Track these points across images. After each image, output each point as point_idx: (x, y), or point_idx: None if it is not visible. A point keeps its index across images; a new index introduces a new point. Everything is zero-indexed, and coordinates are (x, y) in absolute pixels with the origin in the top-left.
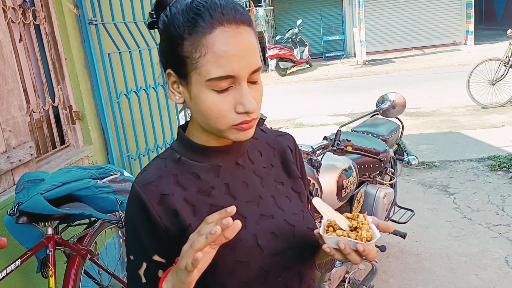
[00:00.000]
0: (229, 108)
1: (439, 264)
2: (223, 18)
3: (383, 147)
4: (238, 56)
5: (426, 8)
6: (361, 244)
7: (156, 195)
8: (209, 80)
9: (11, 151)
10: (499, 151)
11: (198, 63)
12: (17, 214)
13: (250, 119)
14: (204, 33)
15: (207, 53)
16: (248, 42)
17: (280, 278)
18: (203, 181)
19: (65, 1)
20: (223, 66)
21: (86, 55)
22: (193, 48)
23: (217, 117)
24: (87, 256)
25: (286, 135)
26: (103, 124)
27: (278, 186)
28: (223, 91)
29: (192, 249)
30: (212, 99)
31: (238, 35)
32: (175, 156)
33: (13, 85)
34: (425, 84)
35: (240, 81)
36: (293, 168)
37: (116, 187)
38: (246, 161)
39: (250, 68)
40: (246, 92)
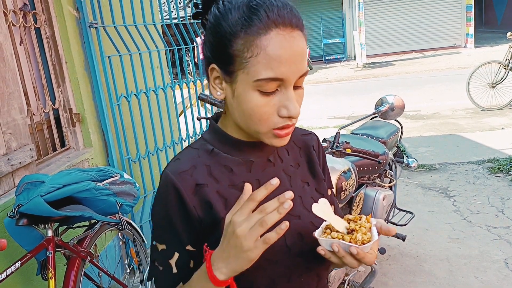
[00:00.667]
0: (273, 111)
1: (439, 267)
2: (279, 20)
3: (382, 149)
4: (289, 60)
5: (426, 11)
6: (354, 247)
7: (191, 185)
8: (257, 80)
9: (11, 154)
10: (499, 154)
11: (248, 63)
12: (17, 216)
13: (292, 124)
14: (259, 33)
15: (259, 54)
16: (300, 47)
17: (302, 278)
18: (235, 175)
19: (66, 4)
20: (273, 69)
21: (87, 58)
22: (245, 47)
23: (259, 119)
24: (87, 258)
25: (311, 135)
26: (103, 126)
27: (305, 187)
28: (269, 93)
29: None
30: (257, 101)
31: (292, 39)
32: (207, 147)
33: (14, 87)
34: (425, 87)
35: (287, 85)
36: (317, 169)
37: (116, 190)
38: (276, 158)
39: (299, 73)
40: (292, 97)
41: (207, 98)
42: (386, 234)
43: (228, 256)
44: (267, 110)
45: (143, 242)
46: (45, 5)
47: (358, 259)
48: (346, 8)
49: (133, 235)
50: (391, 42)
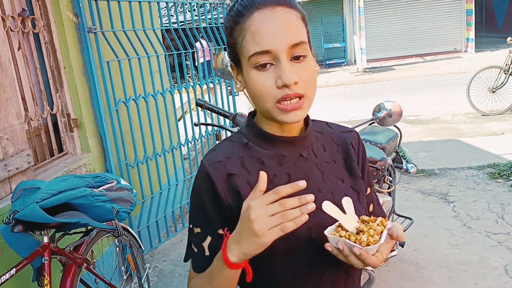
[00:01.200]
0: (271, 84)
1: (438, 273)
2: (260, 2)
3: (381, 155)
4: (271, 31)
5: (427, 15)
6: (357, 248)
7: (223, 174)
8: (249, 58)
9: (8, 159)
10: (499, 159)
11: (241, 46)
12: (13, 223)
13: (293, 93)
14: (245, 18)
15: (246, 34)
16: (283, 19)
17: (327, 273)
18: (266, 168)
19: (65, 10)
20: (258, 42)
21: (85, 63)
22: (238, 34)
23: (261, 95)
24: (83, 265)
25: (351, 132)
26: (101, 132)
27: (339, 183)
28: (264, 68)
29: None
30: (256, 77)
31: (273, 13)
32: (243, 141)
33: (11, 93)
34: (425, 92)
35: (278, 56)
36: (354, 166)
37: (112, 196)
38: (310, 154)
39: (286, 42)
40: (284, 67)
41: (205, 103)
42: (396, 239)
43: (241, 239)
44: (265, 83)
45: (140, 248)
46: (43, 10)
47: (361, 260)
48: (347, 12)
49: (130, 241)
50: (391, 46)
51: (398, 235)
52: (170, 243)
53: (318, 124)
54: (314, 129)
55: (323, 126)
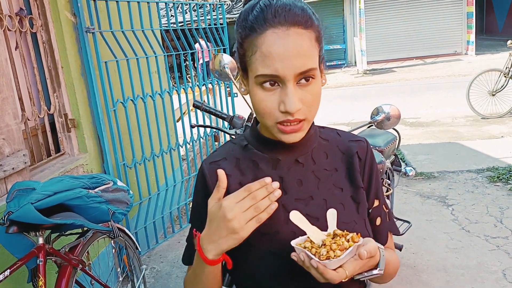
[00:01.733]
0: (274, 106)
1: (436, 277)
2: (274, 20)
3: (379, 158)
4: (282, 57)
5: (427, 18)
6: (314, 260)
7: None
8: (256, 77)
9: (4, 159)
10: (499, 163)
11: (250, 60)
12: (7, 224)
13: (294, 119)
14: (257, 33)
15: (256, 52)
16: (296, 44)
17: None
18: (260, 170)
19: (63, 10)
20: (268, 65)
21: (83, 63)
22: (248, 46)
23: (263, 113)
24: (78, 266)
25: (360, 141)
26: (98, 132)
27: (335, 191)
28: (270, 89)
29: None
30: (260, 95)
31: (286, 36)
32: (243, 143)
33: (8, 93)
34: (425, 94)
35: (285, 81)
36: (356, 176)
37: (108, 197)
38: (308, 160)
39: (295, 70)
40: (289, 93)
41: (202, 105)
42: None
43: (219, 238)
44: (268, 104)
45: (137, 249)
46: (41, 10)
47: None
48: (347, 14)
49: (126, 243)
50: (391, 48)
51: (360, 253)
52: (167, 244)
53: (326, 132)
54: (320, 136)
55: (331, 134)
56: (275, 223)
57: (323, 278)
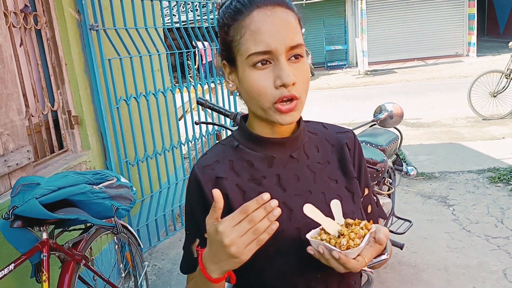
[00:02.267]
0: (269, 84)
1: (437, 276)
2: (260, 1)
3: (381, 157)
4: (272, 31)
5: (429, 19)
6: (336, 251)
7: (211, 178)
8: (248, 56)
9: (8, 155)
10: (499, 163)
11: (239, 44)
12: (12, 218)
13: (289, 94)
14: (244, 16)
15: (246, 32)
16: (283, 19)
17: (319, 274)
18: (256, 170)
19: (67, 7)
20: (258, 42)
21: (87, 60)
22: (235, 31)
23: (258, 94)
24: (81, 261)
25: (347, 132)
26: (101, 129)
27: (331, 184)
28: (263, 68)
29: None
30: (253, 76)
31: (273, 13)
32: (233, 144)
33: (13, 89)
34: (426, 95)
35: (277, 56)
36: (349, 167)
37: (112, 193)
38: (301, 155)
39: (286, 44)
40: (283, 67)
41: (206, 102)
42: (377, 242)
43: (220, 260)
44: (263, 83)
45: (139, 246)
46: (46, 7)
47: (341, 264)
48: (349, 15)
49: (128, 239)
50: (393, 49)
51: (380, 239)
52: (169, 241)
53: (312, 125)
54: (308, 130)
55: (318, 127)
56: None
57: (343, 268)
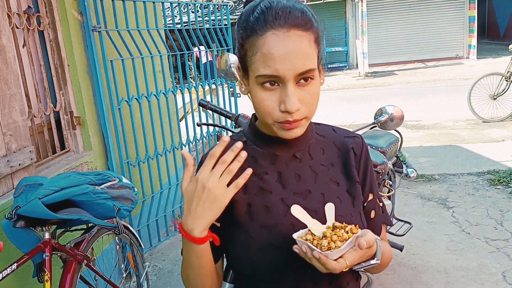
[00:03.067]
0: (275, 105)
1: (436, 278)
2: (275, 22)
3: (381, 159)
4: (283, 58)
5: (429, 21)
6: (316, 252)
7: None
8: (257, 77)
9: (11, 155)
10: (499, 166)
11: (251, 61)
12: (15, 218)
13: (293, 120)
14: (258, 34)
15: (257, 52)
16: (296, 46)
17: (309, 270)
18: (259, 165)
19: (70, 8)
20: (269, 66)
21: (89, 61)
22: (249, 47)
23: (264, 112)
24: (83, 261)
25: (355, 137)
26: (103, 130)
27: (332, 186)
28: (270, 89)
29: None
30: (261, 95)
31: (287, 38)
32: (242, 139)
33: (16, 89)
34: (426, 97)
35: (285, 81)
36: (352, 171)
37: (114, 194)
38: (305, 155)
39: (295, 71)
40: (289, 93)
41: (208, 104)
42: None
43: (202, 212)
44: (269, 104)
45: (140, 246)
46: (49, 8)
47: (321, 264)
48: (349, 17)
49: (130, 240)
50: (393, 51)
51: (359, 243)
52: (169, 242)
53: (322, 128)
54: (317, 132)
55: (328, 130)
56: (275, 216)
57: (325, 269)
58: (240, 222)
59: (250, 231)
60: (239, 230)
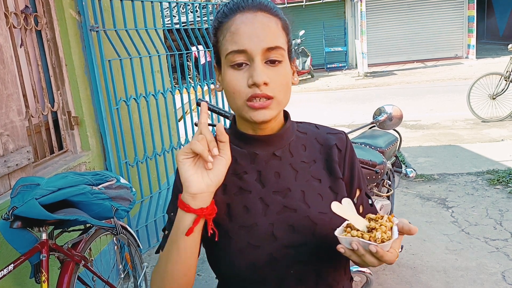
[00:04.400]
0: (243, 83)
1: (436, 278)
2: (243, 6)
3: (380, 159)
4: (249, 33)
5: (428, 21)
6: (373, 245)
7: None
8: (227, 56)
9: (8, 155)
10: (498, 165)
11: (221, 45)
12: (12, 219)
13: (261, 93)
14: (228, 19)
15: (226, 34)
16: (263, 23)
17: (292, 270)
18: (239, 165)
19: (67, 8)
20: (236, 42)
21: (87, 61)
22: (220, 33)
23: (233, 92)
24: (81, 262)
25: (338, 134)
26: (101, 130)
27: (314, 183)
28: (239, 68)
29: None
30: (230, 75)
31: (253, 17)
32: None
33: (13, 89)
34: (425, 97)
35: (253, 57)
36: (335, 167)
37: (111, 194)
38: (286, 153)
39: (262, 45)
40: (257, 67)
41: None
42: (408, 233)
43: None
44: (238, 82)
45: (138, 247)
46: (46, 7)
47: (377, 258)
48: (349, 17)
49: (128, 240)
50: (392, 51)
51: (410, 228)
52: None
53: (304, 126)
54: (298, 130)
55: (310, 127)
56: (254, 216)
57: (378, 262)
58: (220, 223)
59: (230, 231)
60: (218, 230)
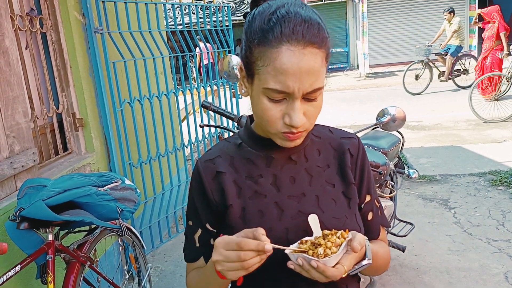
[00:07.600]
0: (279, 116)
1: (438, 279)
2: (292, 37)
3: (383, 160)
4: (295, 76)
5: (429, 21)
6: (314, 261)
7: (212, 171)
8: (265, 88)
9: (14, 157)
10: (501, 166)
11: (260, 70)
12: (19, 220)
13: (296, 132)
14: (272, 46)
15: (269, 65)
16: (310, 65)
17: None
18: (254, 168)
19: (72, 10)
20: (280, 81)
21: (91, 63)
22: (260, 56)
23: (268, 121)
24: (86, 263)
25: (352, 138)
26: (105, 131)
27: (328, 187)
28: (276, 101)
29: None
30: (265, 105)
31: (301, 56)
32: (237, 141)
33: (19, 91)
34: (427, 98)
35: (293, 97)
36: (348, 172)
37: (117, 195)
38: (301, 157)
39: (305, 90)
40: (296, 109)
41: (210, 105)
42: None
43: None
44: (273, 114)
45: (143, 248)
46: (51, 10)
47: (320, 273)
48: (350, 18)
49: (132, 241)
50: (394, 52)
51: (353, 246)
52: (171, 243)
53: (318, 129)
54: (313, 133)
55: (324, 131)
56: (269, 220)
57: (324, 277)
58: (234, 227)
59: None
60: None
